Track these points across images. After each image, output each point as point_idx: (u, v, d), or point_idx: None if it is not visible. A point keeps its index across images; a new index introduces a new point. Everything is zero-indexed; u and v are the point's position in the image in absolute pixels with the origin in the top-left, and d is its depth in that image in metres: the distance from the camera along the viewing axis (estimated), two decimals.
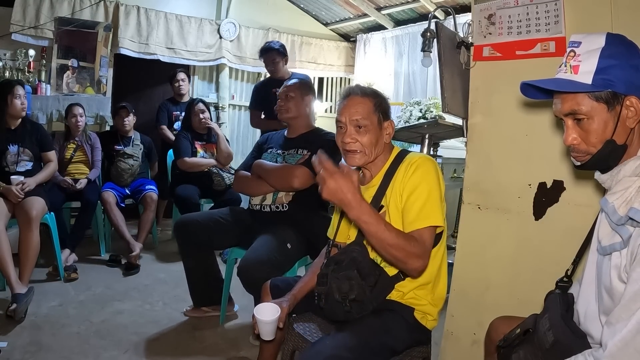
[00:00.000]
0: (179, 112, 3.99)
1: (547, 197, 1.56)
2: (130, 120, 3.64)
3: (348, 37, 5.54)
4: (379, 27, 5.04)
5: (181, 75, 4.05)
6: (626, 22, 1.36)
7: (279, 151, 2.27)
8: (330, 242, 1.58)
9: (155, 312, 2.50)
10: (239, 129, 5.04)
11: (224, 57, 4.64)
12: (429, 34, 2.26)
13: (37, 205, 2.57)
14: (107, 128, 4.02)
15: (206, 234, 2.21)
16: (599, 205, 0.98)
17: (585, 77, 0.91)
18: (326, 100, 5.58)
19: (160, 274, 3.14)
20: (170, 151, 3.77)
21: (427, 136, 2.47)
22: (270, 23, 4.98)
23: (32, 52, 3.75)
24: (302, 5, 5.17)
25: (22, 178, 2.63)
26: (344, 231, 1.56)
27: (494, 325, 1.29)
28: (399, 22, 4.91)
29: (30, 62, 3.75)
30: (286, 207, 2.17)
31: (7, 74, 3.62)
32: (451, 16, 2.32)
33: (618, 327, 0.81)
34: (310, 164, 2.11)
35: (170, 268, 3.23)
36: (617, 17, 1.39)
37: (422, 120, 3.36)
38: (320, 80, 5.55)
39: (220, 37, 4.60)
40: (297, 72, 3.68)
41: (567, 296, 1.10)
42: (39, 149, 2.84)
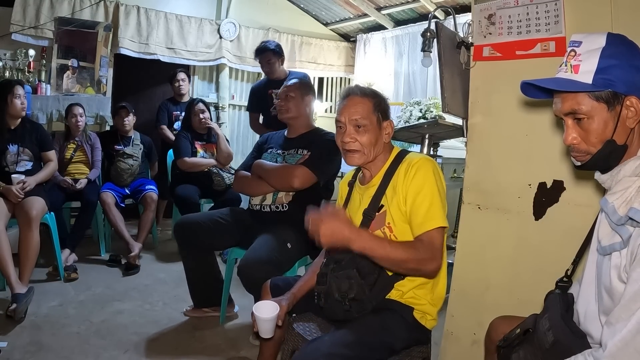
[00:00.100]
0: (179, 112, 3.99)
1: (547, 197, 1.56)
2: (130, 120, 3.64)
3: (348, 37, 5.54)
4: (379, 27, 5.04)
5: (181, 75, 4.05)
6: (626, 22, 1.36)
7: (279, 151, 2.27)
8: None
9: (155, 312, 2.50)
10: (239, 129, 5.03)
11: (224, 57, 4.64)
12: (429, 34, 2.26)
13: (37, 205, 2.57)
14: (107, 128, 4.02)
15: (206, 234, 2.20)
16: (599, 205, 0.98)
17: (585, 77, 0.92)
18: (326, 100, 5.58)
19: (160, 274, 3.14)
20: (170, 151, 3.76)
21: (427, 136, 2.47)
22: (270, 23, 4.98)
23: (32, 52, 3.75)
24: (302, 5, 5.17)
25: (23, 177, 2.64)
26: None
27: (494, 325, 1.29)
28: (399, 22, 4.91)
29: (30, 62, 3.75)
30: (286, 207, 2.17)
31: (7, 74, 3.62)
32: (451, 16, 2.32)
33: (618, 327, 0.81)
34: (310, 163, 2.14)
35: (170, 268, 3.23)
36: (617, 17, 1.39)
37: (422, 120, 3.36)
38: (320, 80, 5.55)
39: (220, 37, 4.60)
40: (294, 71, 3.64)
41: (567, 296, 1.10)
42: (38, 149, 2.84)
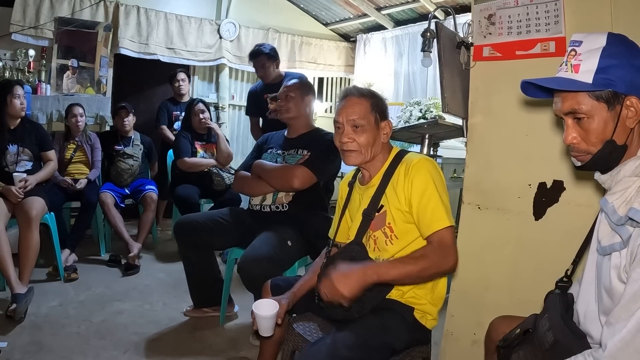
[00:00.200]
0: (179, 112, 3.99)
1: (547, 197, 1.56)
2: (130, 120, 3.64)
3: (348, 37, 5.54)
4: (379, 27, 5.04)
5: (181, 75, 4.05)
6: (626, 22, 1.36)
7: (279, 151, 2.27)
8: (331, 242, 1.59)
9: (155, 312, 2.50)
10: (239, 129, 5.03)
11: (224, 57, 4.64)
12: (429, 34, 2.26)
13: (37, 205, 2.57)
14: (107, 128, 4.02)
15: (206, 234, 2.20)
16: (598, 205, 0.98)
17: (585, 76, 0.91)
18: (326, 100, 5.58)
19: (160, 274, 3.14)
20: (170, 151, 3.76)
21: (427, 136, 2.47)
22: (270, 23, 4.98)
23: (32, 52, 3.75)
24: (302, 5, 5.17)
25: (24, 175, 2.65)
26: (344, 231, 1.56)
27: (494, 325, 1.29)
28: (399, 22, 4.91)
29: (30, 62, 3.75)
30: (286, 207, 2.17)
31: (7, 74, 3.62)
32: (451, 16, 2.32)
33: (618, 327, 0.81)
34: (310, 164, 2.14)
35: (170, 268, 3.23)
36: (617, 17, 1.39)
37: (422, 120, 3.36)
38: (320, 80, 5.55)
39: (220, 37, 4.60)
40: (290, 72, 3.58)
41: (566, 296, 1.10)
42: (38, 149, 2.84)
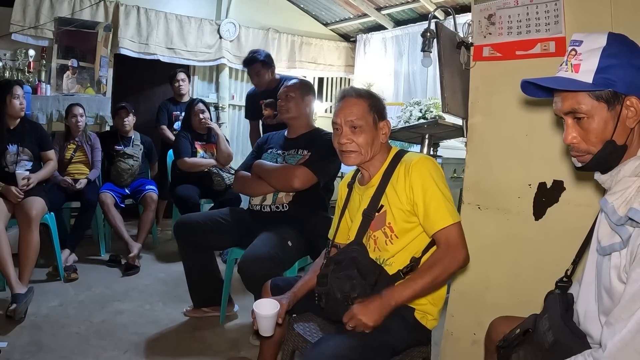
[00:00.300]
0: (179, 112, 3.99)
1: (547, 197, 1.56)
2: (130, 120, 3.64)
3: (348, 37, 5.54)
4: (379, 27, 5.04)
5: (181, 76, 4.05)
6: (626, 22, 1.36)
7: (279, 151, 2.27)
8: (330, 242, 1.58)
9: (155, 312, 2.50)
10: (239, 129, 5.03)
11: (224, 57, 4.64)
12: (429, 34, 2.26)
13: (37, 205, 2.57)
14: (107, 128, 4.03)
15: (206, 233, 2.20)
16: (598, 206, 0.98)
17: (586, 76, 0.91)
18: (326, 101, 5.58)
19: (160, 274, 3.13)
20: (170, 151, 3.76)
21: (427, 136, 2.47)
22: (270, 23, 4.98)
23: (32, 52, 3.75)
24: (302, 5, 5.17)
25: (27, 173, 2.66)
26: (343, 232, 1.56)
27: (494, 325, 1.29)
28: (399, 22, 4.91)
29: (30, 62, 3.75)
30: (286, 207, 2.17)
31: (7, 74, 3.62)
32: (451, 16, 2.32)
33: (617, 328, 0.81)
34: (311, 164, 2.14)
35: (170, 268, 3.23)
36: (617, 17, 1.39)
37: (422, 120, 3.36)
38: (320, 80, 5.55)
39: (220, 37, 4.60)
40: (287, 75, 3.53)
41: (566, 296, 1.10)
42: (38, 149, 2.84)
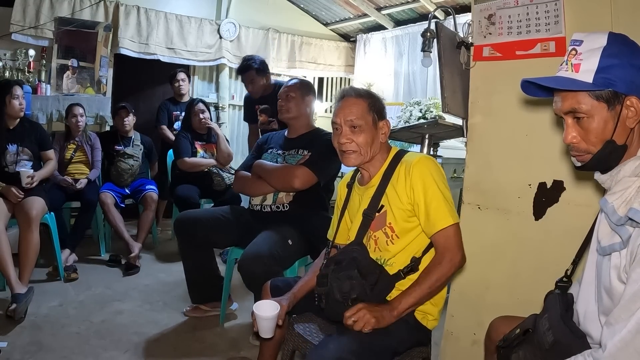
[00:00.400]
0: (179, 112, 3.99)
1: (547, 197, 1.56)
2: (130, 120, 3.63)
3: (348, 37, 5.54)
4: (379, 27, 5.04)
5: (181, 75, 4.04)
6: (626, 22, 1.36)
7: (279, 151, 2.27)
8: (330, 243, 1.58)
9: (155, 312, 2.50)
10: (239, 129, 5.03)
11: (224, 57, 4.64)
12: (429, 34, 2.26)
13: (37, 205, 2.57)
14: (107, 128, 4.03)
15: (206, 229, 2.21)
16: (598, 206, 0.98)
17: (586, 76, 0.91)
18: (326, 101, 5.58)
19: (160, 274, 3.13)
20: (170, 151, 3.77)
21: (427, 136, 2.47)
22: (270, 23, 4.98)
23: (32, 52, 3.75)
24: (302, 5, 5.17)
25: (31, 171, 2.67)
26: (343, 232, 1.56)
27: (494, 325, 1.29)
28: (399, 22, 4.91)
29: (30, 62, 3.75)
30: (287, 207, 2.17)
31: (7, 74, 3.62)
32: (451, 16, 2.32)
33: (617, 328, 0.81)
34: (311, 164, 2.14)
35: (170, 268, 3.23)
36: (617, 17, 1.39)
37: (422, 120, 3.36)
38: (320, 80, 5.55)
39: (220, 37, 4.60)
40: (280, 81, 3.43)
41: (566, 296, 1.10)
42: (38, 148, 2.84)
